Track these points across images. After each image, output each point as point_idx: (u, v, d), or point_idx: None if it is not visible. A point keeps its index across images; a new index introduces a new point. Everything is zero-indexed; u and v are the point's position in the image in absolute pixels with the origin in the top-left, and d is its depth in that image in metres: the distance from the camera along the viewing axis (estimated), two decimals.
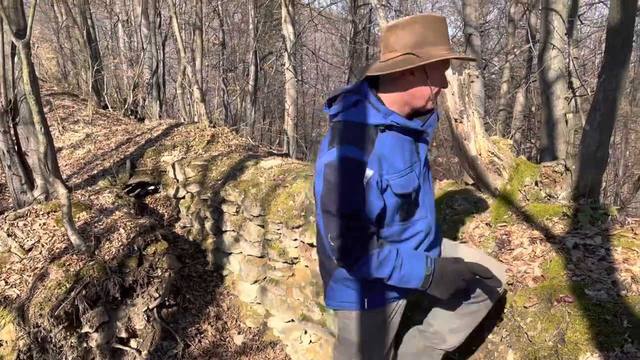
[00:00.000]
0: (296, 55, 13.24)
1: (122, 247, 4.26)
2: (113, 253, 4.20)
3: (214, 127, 7.04)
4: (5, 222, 4.43)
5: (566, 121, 5.23)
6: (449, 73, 3.39)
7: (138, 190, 5.92)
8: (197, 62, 8.61)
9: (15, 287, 3.96)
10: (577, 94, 5.45)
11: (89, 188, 5.59)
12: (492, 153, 3.39)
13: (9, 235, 4.32)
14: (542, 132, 5.71)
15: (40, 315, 3.71)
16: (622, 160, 11.02)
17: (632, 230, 2.83)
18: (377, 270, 1.98)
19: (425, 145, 2.16)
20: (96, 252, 4.16)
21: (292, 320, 4.18)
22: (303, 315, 4.04)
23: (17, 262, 4.14)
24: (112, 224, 4.53)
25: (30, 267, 4.07)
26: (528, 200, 3.26)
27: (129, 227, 4.46)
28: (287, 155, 6.84)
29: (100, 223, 4.54)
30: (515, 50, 10.04)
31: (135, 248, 4.29)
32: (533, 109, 10.03)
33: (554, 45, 5.19)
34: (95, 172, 6.38)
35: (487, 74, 11.49)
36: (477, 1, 8.22)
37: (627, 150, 11.66)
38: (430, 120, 2.10)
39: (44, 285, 3.88)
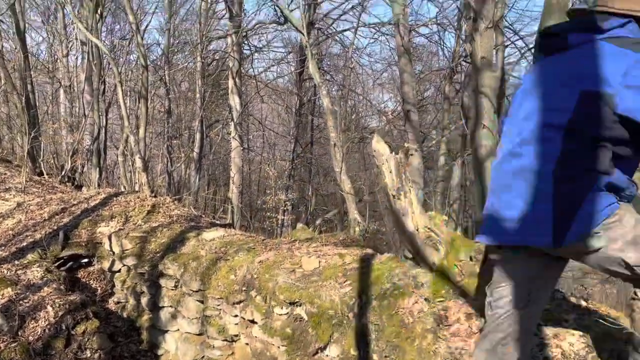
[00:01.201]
0: (242, 124, 13.40)
1: (48, 326, 4.01)
2: (38, 333, 3.94)
3: (155, 196, 6.91)
4: None
5: None
6: (386, 152, 3.52)
7: (70, 264, 5.63)
8: (141, 130, 8.56)
9: None
10: None
11: (16, 262, 5.29)
12: (429, 228, 3.47)
13: None
14: (476, 206, 5.91)
15: None
16: None
17: (559, 306, 2.94)
18: None
19: None
20: (20, 333, 3.90)
21: None
22: None
23: None
24: (39, 301, 4.28)
25: None
26: (464, 275, 3.32)
27: (57, 305, 4.22)
28: (230, 225, 6.77)
29: (26, 300, 4.28)
30: (450, 126, 10.57)
31: (64, 327, 4.04)
32: (468, 183, 10.45)
33: (484, 125, 5.46)
34: (24, 244, 6.04)
35: (425, 147, 11.94)
36: (414, 80, 8.65)
37: None
38: None
39: None
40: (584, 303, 2.99)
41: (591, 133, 1.84)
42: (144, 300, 4.92)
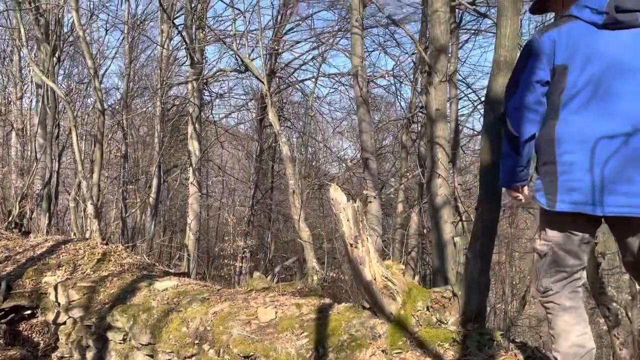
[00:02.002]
0: (201, 169, 13.30)
1: None
2: None
3: (106, 244, 6.68)
4: None
5: (454, 244, 5.50)
6: (343, 200, 3.54)
7: (12, 316, 5.32)
8: (95, 175, 8.35)
9: None
10: (463, 218, 5.85)
11: None
12: (386, 278, 3.47)
13: None
14: (433, 254, 5.98)
15: None
16: (508, 280, 11.69)
17: (515, 355, 2.95)
18: None
19: None
20: None
21: None
22: None
23: None
24: None
25: None
26: (421, 325, 3.32)
27: None
28: (185, 274, 6.59)
29: None
30: (408, 174, 10.75)
31: None
32: (425, 231, 10.57)
33: (439, 174, 5.59)
34: None
35: (384, 194, 12.08)
36: (373, 129, 8.82)
37: (512, 269, 12.43)
38: None
39: None
40: (537, 352, 3.01)
41: None
42: (90, 355, 4.67)
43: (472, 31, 11.11)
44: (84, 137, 12.92)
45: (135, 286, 4.96)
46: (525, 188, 2.50)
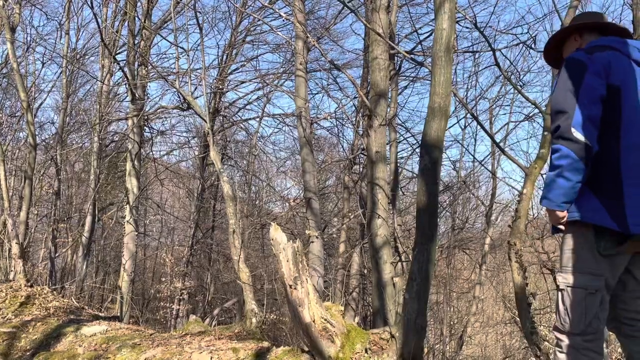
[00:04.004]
0: (139, 207, 12.96)
1: None
2: None
3: (31, 286, 6.33)
4: None
5: (394, 285, 5.57)
6: (283, 240, 3.52)
7: None
8: (23, 213, 7.98)
9: None
10: (402, 259, 5.94)
11: None
12: (325, 319, 3.45)
13: None
14: (373, 295, 6.00)
15: None
16: (446, 319, 11.87)
17: None
18: None
19: None
20: None
21: None
22: None
23: None
24: None
25: None
26: None
27: None
28: (117, 318, 6.31)
29: None
30: (350, 214, 10.85)
31: None
32: (366, 271, 10.63)
33: (379, 215, 5.68)
34: None
35: (326, 234, 12.10)
36: (316, 169, 8.89)
37: (450, 309, 12.65)
38: None
39: None
40: None
41: None
42: None
43: (411, 78, 11.53)
44: (14, 172, 12.37)
45: (61, 332, 4.70)
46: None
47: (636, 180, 2.16)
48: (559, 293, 2.32)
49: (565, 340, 2.25)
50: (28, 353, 4.47)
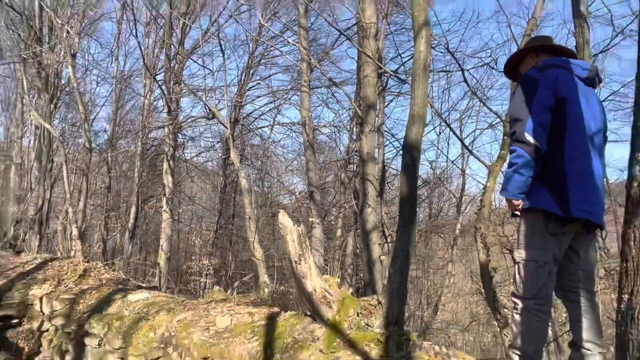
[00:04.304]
0: (174, 199, 12.92)
1: None
2: None
3: (87, 262, 6.32)
4: None
5: (381, 261, 5.54)
6: (290, 225, 3.50)
7: (0, 324, 4.92)
8: (81, 204, 7.98)
9: None
10: (388, 240, 5.93)
11: None
12: (324, 289, 3.43)
13: None
14: (364, 270, 5.98)
15: None
16: (424, 291, 11.87)
17: (427, 353, 2.95)
18: None
19: None
20: None
21: None
22: None
23: None
24: None
25: None
26: (352, 328, 3.27)
27: None
28: (156, 288, 6.29)
29: None
30: (345, 204, 10.83)
31: None
32: (358, 251, 10.60)
33: (369, 204, 5.65)
34: None
35: (326, 221, 12.07)
36: (317, 168, 8.86)
37: (427, 282, 12.64)
38: None
39: None
40: (445, 350, 3.02)
41: None
42: (69, 358, 4.34)
43: (395, 93, 11.52)
44: (74, 171, 12.37)
45: (111, 298, 4.69)
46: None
47: (577, 176, 2.17)
48: (516, 266, 2.33)
49: (520, 303, 2.27)
50: (85, 315, 4.47)
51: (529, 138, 2.14)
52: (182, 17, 10.25)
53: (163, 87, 10.73)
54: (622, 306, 1.43)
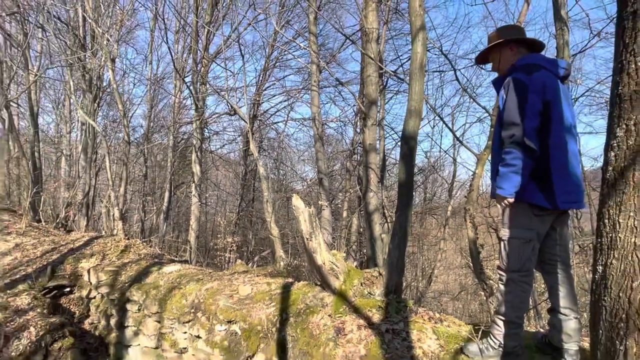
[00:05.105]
0: (201, 185, 12.98)
1: (29, 344, 3.50)
2: (20, 350, 3.42)
3: (128, 239, 6.38)
4: None
5: (381, 239, 5.53)
6: (302, 207, 3.49)
7: (55, 292, 5.00)
8: (121, 189, 8.04)
9: None
10: (388, 221, 5.90)
11: (8, 291, 4.64)
12: (332, 262, 3.43)
13: None
14: (367, 246, 5.97)
15: None
16: (419, 265, 11.85)
17: (422, 317, 2.95)
18: None
19: None
20: (3, 350, 3.37)
21: None
22: None
23: None
24: (24, 323, 3.75)
25: None
26: (356, 296, 3.28)
27: (39, 326, 3.71)
28: (187, 262, 6.34)
29: (12, 323, 3.74)
30: (350, 190, 10.79)
31: (43, 344, 3.54)
32: (361, 230, 10.58)
33: (371, 189, 5.62)
34: (18, 276, 5.34)
35: (333, 204, 12.06)
36: (325, 158, 8.82)
37: (422, 257, 12.61)
38: None
39: None
40: (437, 315, 3.01)
41: None
42: (113, 321, 4.43)
43: (394, 91, 11.38)
44: (115, 161, 12.46)
45: (149, 270, 4.75)
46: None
47: (561, 171, 2.12)
48: (501, 243, 2.29)
49: (505, 275, 2.24)
50: (127, 284, 4.54)
51: (530, 143, 2.06)
52: (207, 25, 10.17)
53: (191, 87, 10.71)
54: (596, 277, 1.40)
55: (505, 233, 2.26)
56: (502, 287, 2.26)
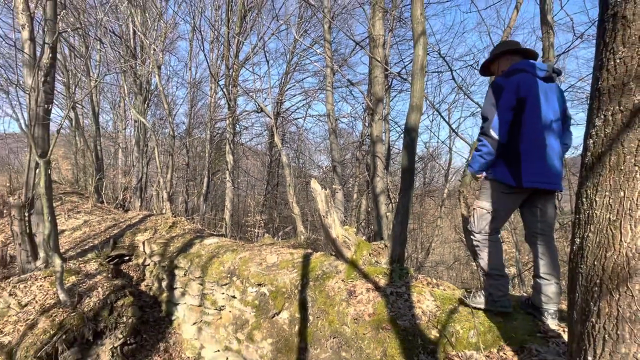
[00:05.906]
0: (234, 172, 13.13)
1: (98, 301, 3.66)
2: (91, 306, 3.59)
3: (175, 217, 6.54)
4: (9, 285, 3.68)
5: (387, 217, 5.52)
6: (318, 189, 3.51)
7: (116, 260, 5.20)
8: (168, 175, 8.18)
9: (8, 335, 3.21)
10: (392, 201, 5.87)
11: (79, 259, 4.85)
12: (345, 236, 3.46)
13: (10, 295, 3.57)
14: (374, 223, 5.98)
15: (26, 357, 2.99)
16: (419, 239, 11.79)
17: (421, 282, 2.95)
18: None
19: None
20: (78, 306, 3.54)
21: (218, 351, 3.74)
22: (226, 346, 3.64)
23: (13, 315, 3.39)
24: (93, 284, 3.92)
25: (24, 319, 3.35)
26: (365, 264, 3.31)
27: (105, 287, 3.88)
28: (223, 235, 6.48)
29: (84, 284, 3.91)
30: (360, 175, 10.75)
31: (108, 302, 3.70)
32: (369, 209, 10.56)
33: (378, 175, 5.60)
34: (86, 247, 5.57)
35: (345, 188, 12.05)
36: (339, 148, 8.79)
37: (421, 232, 12.53)
38: None
39: (32, 333, 3.18)
40: (434, 281, 3.02)
41: None
42: (164, 284, 4.59)
43: (398, 90, 11.18)
44: (162, 152, 12.68)
45: (192, 242, 4.87)
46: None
47: (529, 156, 2.14)
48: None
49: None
50: (174, 254, 4.67)
51: (493, 134, 2.16)
52: (237, 36, 10.14)
53: (224, 89, 10.75)
54: (574, 247, 1.39)
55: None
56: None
